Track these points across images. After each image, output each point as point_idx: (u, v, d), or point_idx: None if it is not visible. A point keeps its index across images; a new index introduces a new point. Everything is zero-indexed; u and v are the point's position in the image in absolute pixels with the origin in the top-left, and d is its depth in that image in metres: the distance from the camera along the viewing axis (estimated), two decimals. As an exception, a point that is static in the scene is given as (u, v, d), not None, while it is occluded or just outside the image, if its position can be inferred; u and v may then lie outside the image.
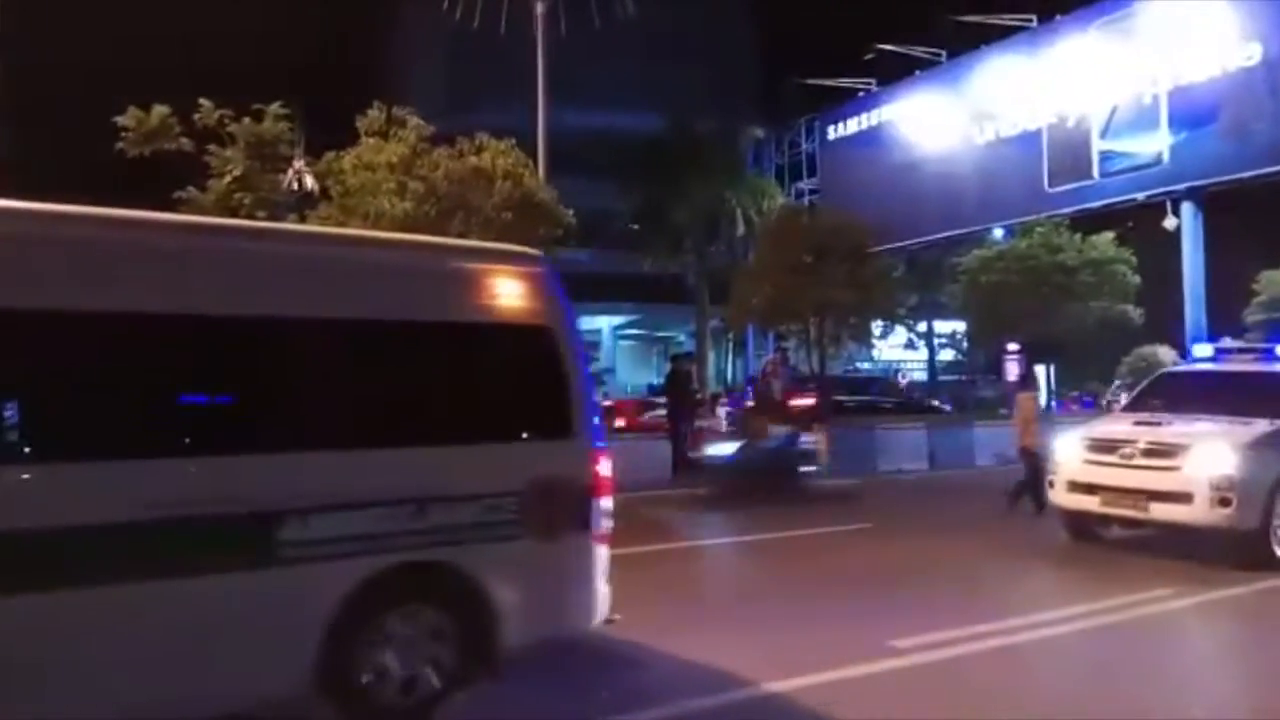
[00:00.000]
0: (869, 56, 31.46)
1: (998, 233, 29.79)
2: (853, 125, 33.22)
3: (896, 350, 39.29)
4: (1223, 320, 24.32)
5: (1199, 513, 7.92)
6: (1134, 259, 27.60)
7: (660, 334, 42.25)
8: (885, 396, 25.03)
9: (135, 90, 14.69)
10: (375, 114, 13.84)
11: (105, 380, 3.97)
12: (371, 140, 13.71)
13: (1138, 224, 27.73)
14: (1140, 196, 24.58)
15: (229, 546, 3.98)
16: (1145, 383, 10.81)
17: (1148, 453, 8.34)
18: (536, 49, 17.86)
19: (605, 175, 30.07)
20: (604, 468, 4.98)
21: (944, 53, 30.11)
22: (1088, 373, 30.86)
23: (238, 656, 3.99)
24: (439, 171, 13.25)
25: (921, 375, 38.98)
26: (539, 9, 18.09)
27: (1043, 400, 25.82)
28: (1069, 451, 9.04)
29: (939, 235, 29.58)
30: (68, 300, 3.83)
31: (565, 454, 4.90)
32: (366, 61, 36.29)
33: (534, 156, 15.62)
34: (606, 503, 4.96)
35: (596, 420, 5.10)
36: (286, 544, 4.07)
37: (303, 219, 13.85)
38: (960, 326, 33.94)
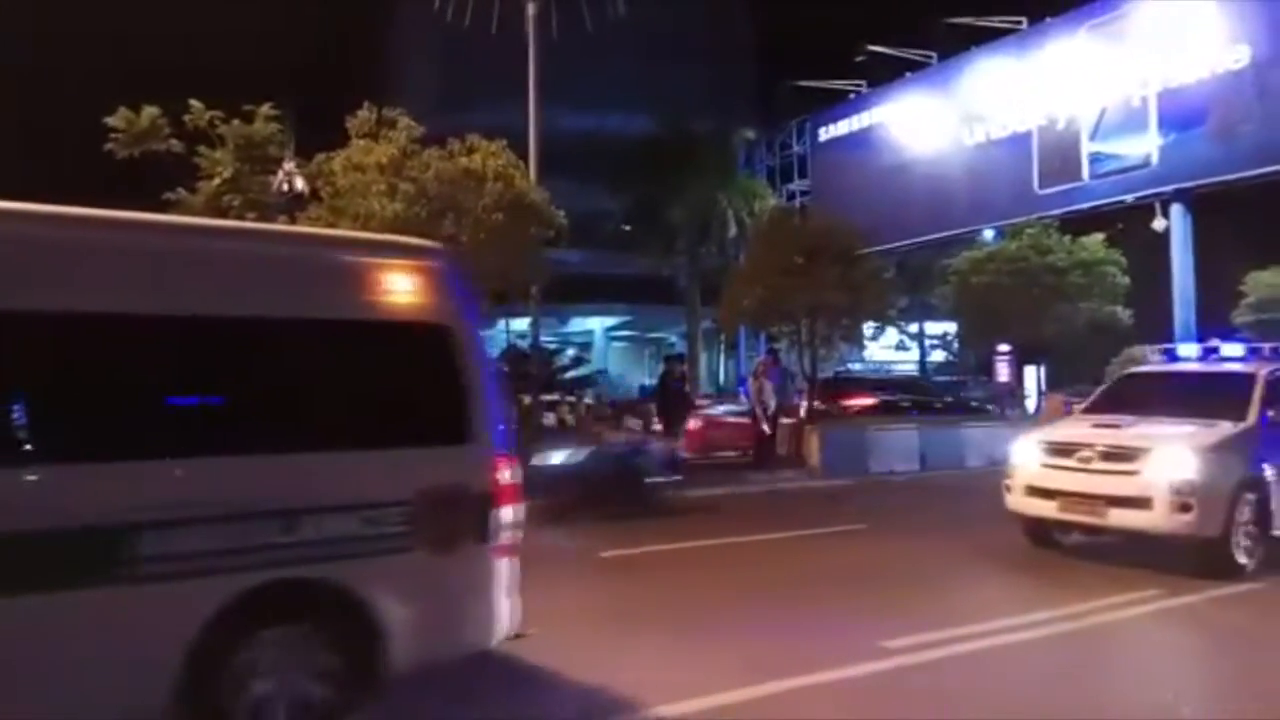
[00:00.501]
0: (860, 58, 31.53)
1: (988, 234, 29.84)
2: (844, 127, 33.28)
3: (888, 351, 39.41)
4: (1212, 322, 24.43)
5: (1158, 519, 7.69)
6: (1123, 260, 27.70)
7: (652, 335, 42.23)
8: (933, 396, 24.96)
9: (125, 90, 14.63)
10: (365, 115, 13.79)
11: None
12: (361, 141, 13.66)
13: (1127, 225, 27.81)
14: (1129, 198, 24.69)
15: (58, 564, 3.60)
16: (1107, 384, 10.60)
17: (1106, 456, 8.10)
18: (528, 50, 17.83)
19: (597, 176, 30.06)
20: (507, 475, 4.65)
21: (934, 55, 30.19)
22: (1078, 374, 30.94)
23: (77, 683, 3.64)
24: (429, 172, 13.21)
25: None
26: (530, 9, 18.06)
27: (1031, 403, 26.00)
28: (1026, 455, 8.77)
29: (930, 237, 29.65)
30: None
31: (462, 461, 4.57)
32: (357, 62, 36.17)
33: (525, 157, 15.59)
34: (510, 512, 4.65)
35: (501, 425, 4.74)
36: (129, 561, 3.71)
37: (293, 220, 13.80)
38: (951, 328, 34.00)
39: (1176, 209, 23.71)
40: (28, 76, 25.55)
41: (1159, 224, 23.98)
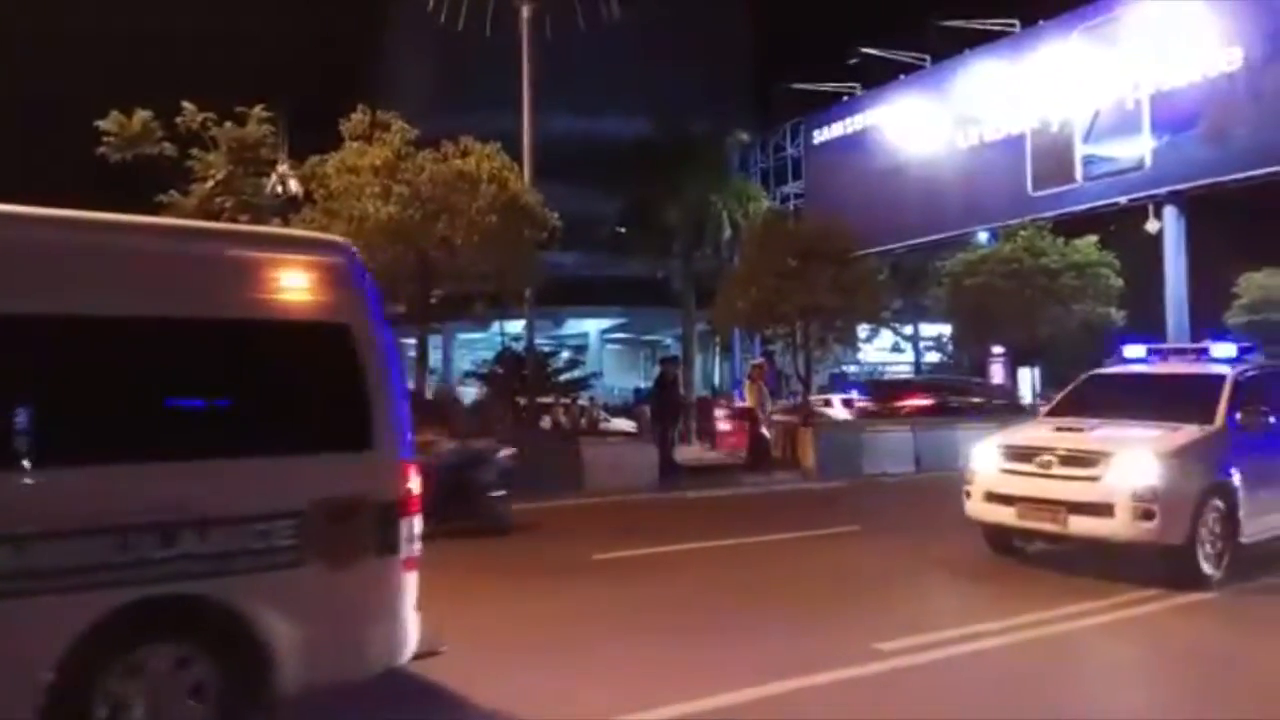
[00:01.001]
0: (853, 61, 31.58)
1: (982, 236, 29.93)
2: (838, 129, 33.32)
3: (882, 353, 39.50)
4: (1205, 323, 24.52)
5: (1120, 526, 7.36)
6: (1117, 262, 27.79)
7: (647, 338, 42.25)
8: (980, 396, 24.86)
9: (117, 93, 14.63)
10: (359, 117, 13.79)
11: None
12: (355, 144, 13.66)
13: (1120, 227, 27.91)
14: (1123, 200, 24.75)
15: None
16: (1071, 385, 10.22)
17: (1066, 461, 7.74)
18: (522, 52, 17.84)
19: (591, 179, 30.07)
20: (413, 484, 4.34)
21: (928, 57, 30.26)
22: (1072, 376, 31.01)
23: None
24: (423, 175, 13.23)
25: (907, 378, 39.16)
26: (524, 12, 18.07)
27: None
28: (985, 460, 8.39)
29: (923, 239, 29.69)
30: None
31: (362, 468, 4.27)
32: (351, 65, 36.19)
33: (519, 160, 15.60)
34: (416, 523, 4.35)
35: (407, 431, 4.41)
36: None
37: (286, 222, 13.80)
38: (945, 330, 34.08)
39: (1170, 211, 23.78)
40: (21, 79, 25.49)
41: (1152, 226, 24.05)
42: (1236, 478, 7.69)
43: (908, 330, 38.46)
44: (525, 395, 17.27)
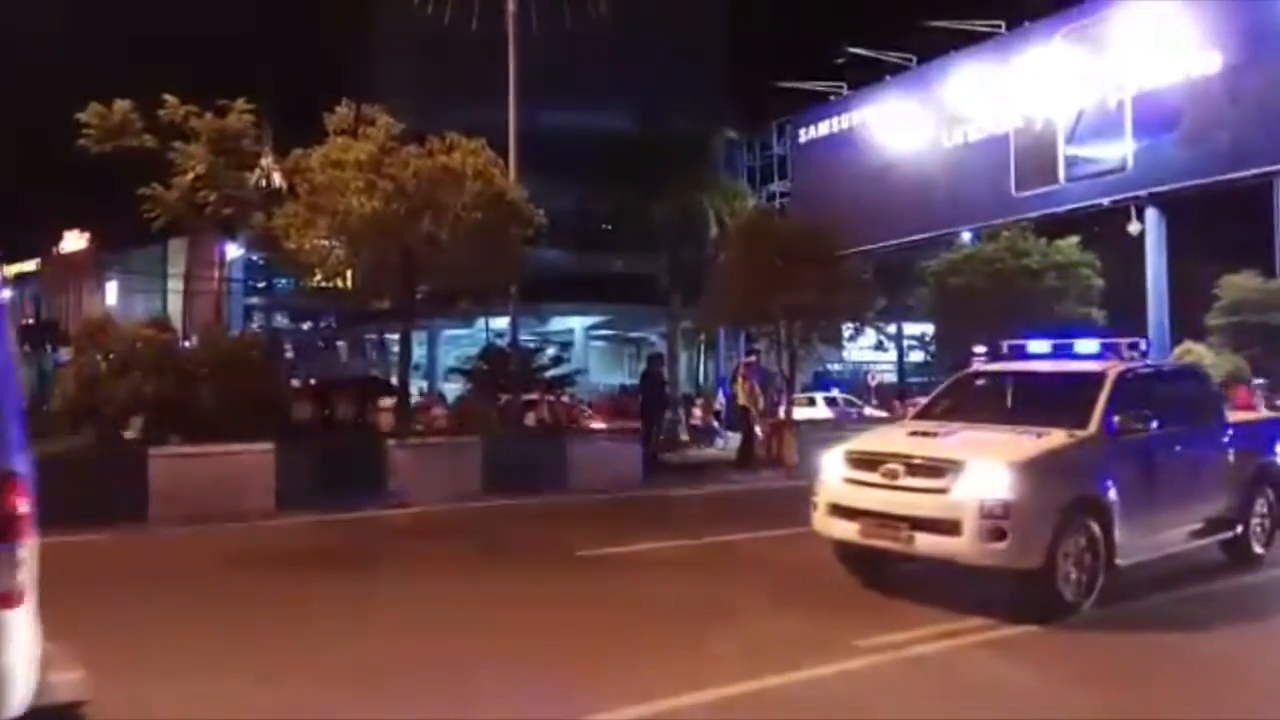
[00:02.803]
0: (840, 60, 31.67)
1: (965, 236, 30.10)
2: (824, 128, 33.41)
3: (866, 352, 39.63)
4: (1186, 324, 24.73)
5: (966, 546, 6.37)
6: (1098, 263, 27.99)
7: (632, 335, 42.25)
8: None
9: (99, 87, 14.50)
10: (344, 111, 13.71)
11: None
12: (340, 138, 13.57)
13: (1103, 228, 28.12)
14: (1105, 201, 24.94)
15: None
16: (944, 384, 9.49)
17: (913, 471, 6.74)
18: (508, 47, 17.78)
19: (578, 176, 30.05)
20: (23, 503, 3.36)
21: (914, 58, 30.38)
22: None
23: None
24: (408, 170, 13.14)
25: (891, 377, 39.34)
26: (510, 8, 18.01)
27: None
28: (831, 468, 7.35)
29: (908, 238, 29.81)
30: None
31: None
32: (336, 59, 35.99)
33: (505, 155, 15.55)
34: (23, 550, 3.33)
35: (19, 439, 3.41)
36: None
37: (270, 217, 13.72)
38: (929, 329, 34.26)
39: (1151, 212, 23.99)
40: (3, 73, 25.23)
41: (1134, 227, 24.24)
42: (1112, 491, 6.71)
43: (891, 329, 38.61)
44: (510, 392, 17.22)
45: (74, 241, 45.18)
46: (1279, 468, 8.57)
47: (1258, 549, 8.21)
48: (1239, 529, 8.01)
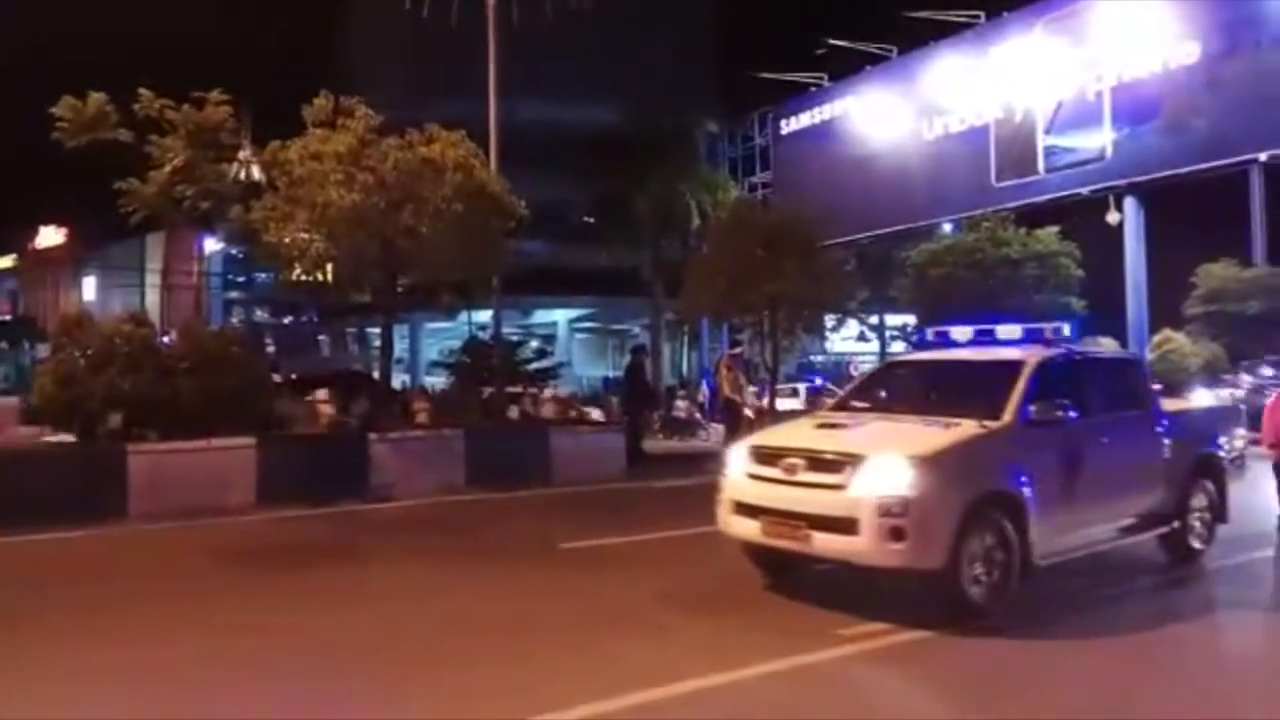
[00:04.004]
0: (821, 51, 31.70)
1: (946, 227, 30.25)
2: (805, 119, 33.46)
3: (849, 343, 39.81)
4: (1165, 313, 24.96)
5: (865, 546, 5.96)
6: (1077, 253, 28.19)
7: (616, 327, 42.24)
8: None
9: (74, 81, 14.33)
10: (322, 102, 13.59)
11: None
12: (319, 130, 13.46)
13: (1082, 218, 28.30)
14: (1084, 191, 25.09)
15: None
16: (863, 374, 9.04)
17: (813, 465, 6.36)
18: (488, 39, 17.68)
19: (560, 168, 29.95)
20: None
21: (894, 49, 30.44)
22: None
23: None
24: (388, 162, 13.05)
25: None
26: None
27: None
28: (735, 463, 6.94)
29: (890, 229, 29.93)
30: None
31: None
32: (315, 52, 35.72)
33: (486, 148, 15.47)
34: None
35: None
36: None
37: (248, 210, 13.61)
38: (910, 319, 34.44)
39: (1130, 202, 24.17)
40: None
41: (1113, 217, 24.42)
42: (1027, 485, 6.31)
43: (873, 320, 38.80)
44: (493, 385, 17.17)
45: (50, 237, 44.71)
46: (1219, 460, 8.16)
47: (1196, 545, 7.82)
48: (1175, 524, 7.62)
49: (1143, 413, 7.73)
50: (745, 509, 6.68)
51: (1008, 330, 7.96)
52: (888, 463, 6.05)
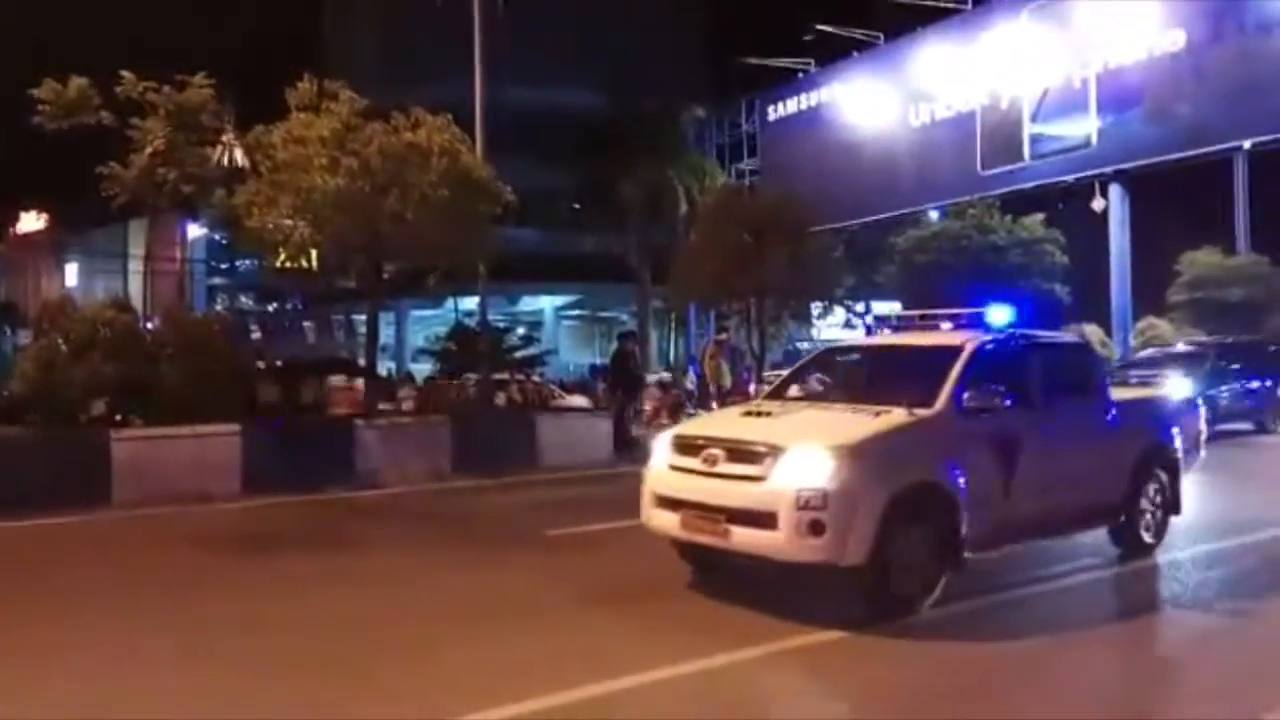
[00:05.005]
0: (808, 38, 31.67)
1: (933, 214, 30.32)
2: (792, 106, 33.44)
3: (835, 330, 39.82)
4: (1149, 300, 25.12)
5: (784, 541, 5.61)
6: (1062, 239, 28.33)
7: (603, 314, 42.20)
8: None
9: (57, 64, 14.16)
10: (306, 86, 13.46)
11: None
12: (302, 114, 13.33)
13: (1068, 206, 28.43)
14: (1070, 179, 25.23)
15: None
16: (800, 361, 8.82)
17: (732, 456, 6.00)
18: (474, 23, 17.55)
19: (547, 154, 29.83)
20: None
21: (882, 35, 30.42)
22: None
23: None
24: (373, 147, 12.94)
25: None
26: (476, -18, 17.74)
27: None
28: (658, 453, 6.61)
29: (877, 216, 30.00)
30: None
31: None
32: (300, 33, 35.41)
33: (472, 133, 15.38)
34: None
35: None
36: None
37: (231, 194, 13.49)
38: (897, 306, 34.53)
39: (1114, 189, 24.29)
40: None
41: (1098, 204, 24.55)
42: (960, 476, 5.99)
43: (860, 307, 38.84)
44: (479, 372, 17.14)
45: (31, 222, 44.24)
46: (1172, 450, 7.77)
47: (1147, 538, 7.47)
48: (1124, 517, 7.29)
49: (1090, 400, 7.37)
50: (665, 502, 6.34)
51: (956, 315, 7.52)
52: (807, 453, 5.73)
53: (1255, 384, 17.59)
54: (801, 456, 5.73)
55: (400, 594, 6.75)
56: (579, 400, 20.21)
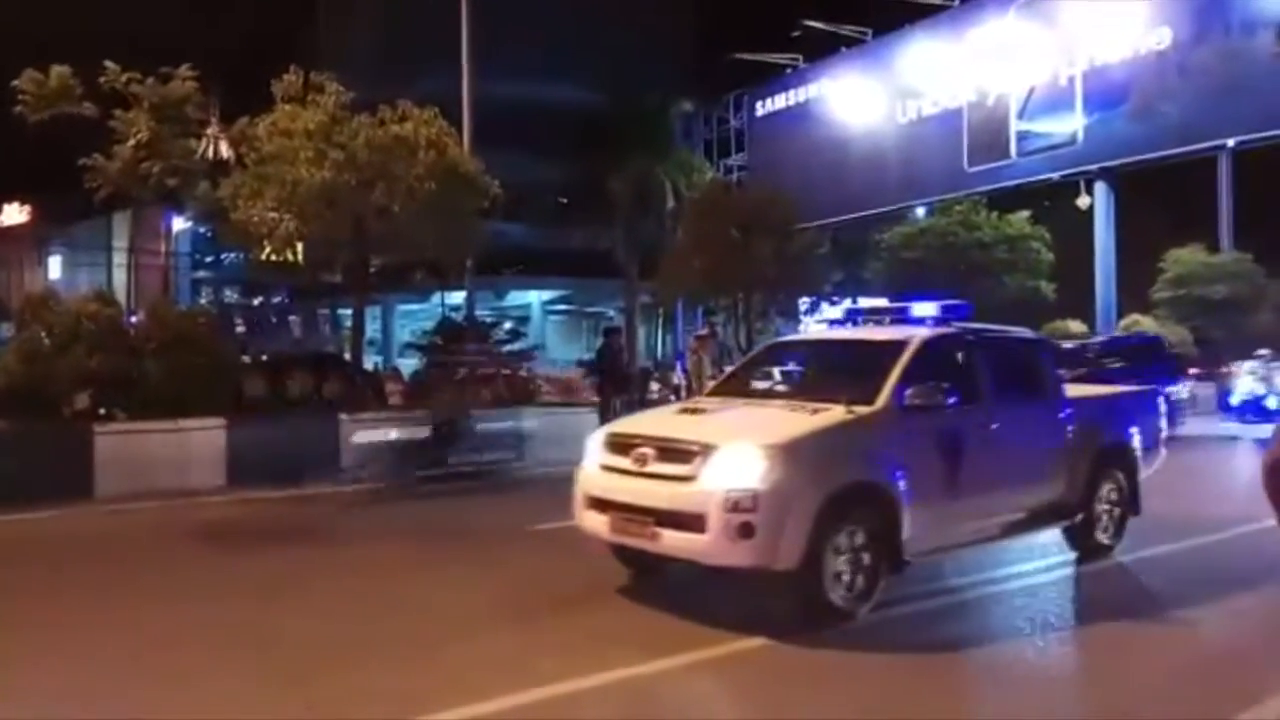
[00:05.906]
0: (796, 34, 31.67)
1: (919, 210, 30.41)
2: (780, 101, 33.45)
3: (822, 326, 39.86)
4: (1134, 297, 25.29)
5: (713, 544, 5.33)
6: (1048, 236, 28.47)
7: (590, 309, 42.15)
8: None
9: (51, 61, 14.03)
10: (292, 78, 13.39)
11: None
12: (288, 106, 13.27)
13: (1054, 203, 28.56)
14: (1055, 176, 25.34)
15: None
16: (745, 357, 8.64)
17: (663, 455, 5.71)
18: (462, 16, 17.50)
19: (534, 147, 29.74)
20: None
21: (870, 31, 30.46)
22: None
23: None
24: (359, 139, 12.90)
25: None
26: (464, -24, 17.69)
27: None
28: (590, 452, 6.35)
29: (864, 212, 30.05)
30: None
31: None
32: (287, 25, 35.19)
33: (459, 126, 15.34)
34: None
35: None
36: None
37: (216, 186, 13.42)
38: (883, 302, 34.63)
39: (1100, 187, 24.43)
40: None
41: (1083, 201, 24.68)
42: (900, 476, 5.71)
43: (847, 303, 38.98)
44: (466, 367, 17.10)
45: (14, 214, 43.85)
46: (1131, 449, 7.47)
47: (1104, 539, 7.17)
48: (1079, 517, 6.97)
49: (1042, 398, 7.10)
50: (595, 503, 6.03)
51: (923, 308, 7.15)
52: (738, 452, 5.44)
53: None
54: (732, 456, 5.44)
55: (368, 590, 6.58)
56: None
